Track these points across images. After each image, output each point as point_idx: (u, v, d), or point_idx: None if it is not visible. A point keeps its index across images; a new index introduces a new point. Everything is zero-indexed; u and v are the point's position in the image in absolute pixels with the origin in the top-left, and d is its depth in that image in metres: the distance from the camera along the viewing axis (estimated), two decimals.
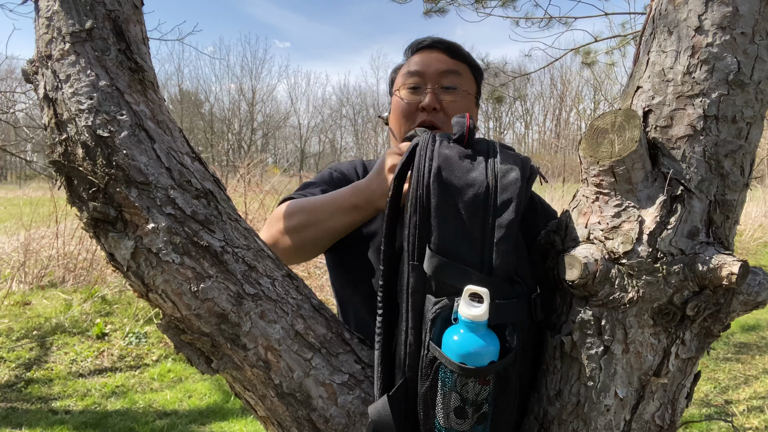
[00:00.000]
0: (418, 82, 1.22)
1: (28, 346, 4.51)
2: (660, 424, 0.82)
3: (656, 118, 0.79)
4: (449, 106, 1.20)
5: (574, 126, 34.08)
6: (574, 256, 0.78)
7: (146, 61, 0.89)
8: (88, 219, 0.83)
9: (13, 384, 3.99)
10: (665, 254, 0.75)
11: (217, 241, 0.85)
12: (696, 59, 0.76)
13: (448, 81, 1.21)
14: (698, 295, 0.75)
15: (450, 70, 1.22)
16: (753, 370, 4.39)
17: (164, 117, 0.89)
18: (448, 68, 1.22)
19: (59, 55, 0.84)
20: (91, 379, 4.16)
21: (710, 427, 3.44)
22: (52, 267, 6.20)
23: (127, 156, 0.82)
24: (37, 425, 3.44)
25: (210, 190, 0.88)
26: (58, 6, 0.84)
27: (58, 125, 0.83)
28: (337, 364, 0.88)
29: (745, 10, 0.74)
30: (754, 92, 0.76)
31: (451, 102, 1.20)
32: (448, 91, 1.21)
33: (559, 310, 0.85)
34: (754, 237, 10.05)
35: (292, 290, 0.91)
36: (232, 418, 3.64)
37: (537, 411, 0.87)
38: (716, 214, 0.77)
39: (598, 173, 0.79)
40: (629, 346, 0.79)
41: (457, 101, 1.21)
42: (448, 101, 1.20)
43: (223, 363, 0.86)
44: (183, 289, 0.83)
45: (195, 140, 31.84)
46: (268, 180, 7.51)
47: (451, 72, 1.22)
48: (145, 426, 3.49)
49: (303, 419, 0.87)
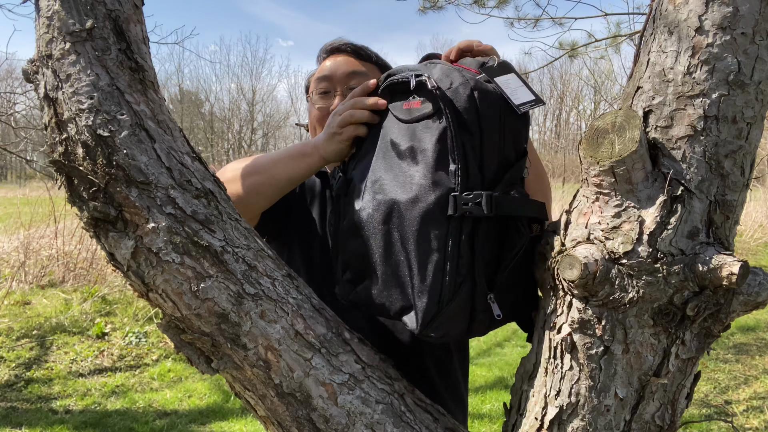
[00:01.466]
0: (328, 87, 1.27)
1: (28, 346, 4.51)
2: (660, 424, 0.82)
3: (656, 119, 0.79)
4: None
5: (574, 126, 34.09)
6: (574, 256, 0.78)
7: (146, 61, 0.89)
8: (89, 218, 0.83)
9: (13, 383, 3.99)
10: (665, 254, 0.75)
11: (218, 240, 0.85)
12: (696, 59, 0.76)
13: (355, 82, 1.25)
14: (698, 296, 0.76)
15: (356, 72, 1.27)
16: (753, 370, 4.39)
17: (164, 117, 0.89)
18: (355, 70, 1.27)
19: (60, 55, 0.84)
20: (91, 378, 4.16)
21: (710, 428, 3.44)
22: (52, 266, 6.21)
23: (128, 155, 0.82)
24: (37, 425, 3.44)
25: (210, 190, 0.88)
26: (59, 6, 0.84)
27: (58, 125, 0.83)
28: (337, 363, 0.88)
29: (745, 11, 0.74)
30: (754, 92, 0.76)
31: None
32: None
33: (558, 310, 0.85)
34: (755, 237, 10.05)
35: (292, 290, 0.91)
36: (232, 417, 3.64)
37: (537, 411, 0.87)
38: (716, 214, 0.77)
39: (599, 173, 0.79)
40: (629, 347, 0.79)
41: None
42: None
43: (223, 363, 0.86)
44: (183, 288, 0.83)
45: (195, 140, 31.85)
46: None
47: (357, 73, 1.26)
48: (145, 425, 3.49)
49: (303, 419, 0.87)
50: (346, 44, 1.31)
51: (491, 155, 0.86)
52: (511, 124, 0.88)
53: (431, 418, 0.94)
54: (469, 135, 0.85)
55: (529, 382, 0.91)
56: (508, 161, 0.88)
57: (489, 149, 0.86)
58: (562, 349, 0.83)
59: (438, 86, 0.87)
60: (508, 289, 0.90)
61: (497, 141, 0.87)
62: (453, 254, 0.84)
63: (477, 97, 0.86)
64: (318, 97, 1.28)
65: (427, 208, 0.85)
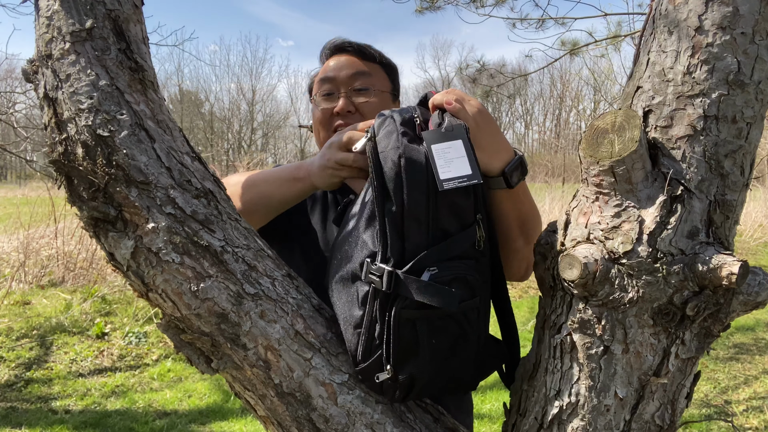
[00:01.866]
0: (331, 89, 1.26)
1: (28, 346, 4.51)
2: (660, 424, 0.82)
3: (656, 118, 0.79)
4: (364, 107, 1.24)
5: (574, 126, 34.08)
6: (574, 256, 0.78)
7: (146, 61, 0.89)
8: (88, 218, 0.83)
9: (13, 383, 3.99)
10: (665, 254, 0.75)
11: (217, 240, 0.85)
12: (696, 59, 0.76)
13: (359, 83, 1.25)
14: (698, 295, 0.76)
15: (360, 72, 1.25)
16: (753, 370, 4.39)
17: (164, 116, 0.89)
18: (359, 70, 1.26)
19: (59, 55, 0.84)
20: (91, 378, 4.16)
21: (710, 427, 3.44)
22: (52, 266, 6.20)
23: (127, 155, 0.82)
24: (37, 425, 3.44)
25: (210, 190, 0.88)
26: (59, 5, 0.84)
27: (58, 125, 0.83)
28: (337, 363, 0.88)
29: (745, 10, 0.74)
30: (754, 92, 0.76)
31: (365, 103, 1.24)
32: (361, 92, 1.25)
33: (559, 310, 0.85)
34: (754, 237, 10.05)
35: (292, 290, 0.91)
36: (232, 417, 3.64)
37: (537, 411, 0.87)
38: (716, 214, 0.77)
39: (598, 173, 0.79)
40: (629, 346, 0.79)
41: (371, 101, 1.25)
42: (361, 102, 1.24)
43: (223, 362, 0.86)
44: (183, 288, 0.83)
45: (195, 140, 31.85)
46: None
47: (361, 74, 1.25)
48: (145, 426, 3.49)
49: (303, 419, 0.87)
50: (349, 43, 1.29)
51: (412, 226, 0.81)
52: (446, 196, 0.81)
53: (431, 418, 0.94)
54: (390, 202, 0.82)
55: (529, 381, 0.91)
56: (444, 233, 0.83)
57: (410, 220, 0.81)
58: (562, 349, 0.83)
59: (372, 148, 0.85)
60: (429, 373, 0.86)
61: (423, 213, 0.81)
62: (368, 317, 0.84)
63: (403, 165, 0.81)
64: (321, 99, 1.27)
65: (354, 267, 0.87)
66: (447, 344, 0.85)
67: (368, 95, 1.25)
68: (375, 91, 1.25)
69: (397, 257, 0.81)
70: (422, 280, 0.80)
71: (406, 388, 0.85)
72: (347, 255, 0.90)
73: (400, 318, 0.81)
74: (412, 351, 0.83)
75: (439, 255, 0.82)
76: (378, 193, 0.83)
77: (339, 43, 1.30)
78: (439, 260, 0.82)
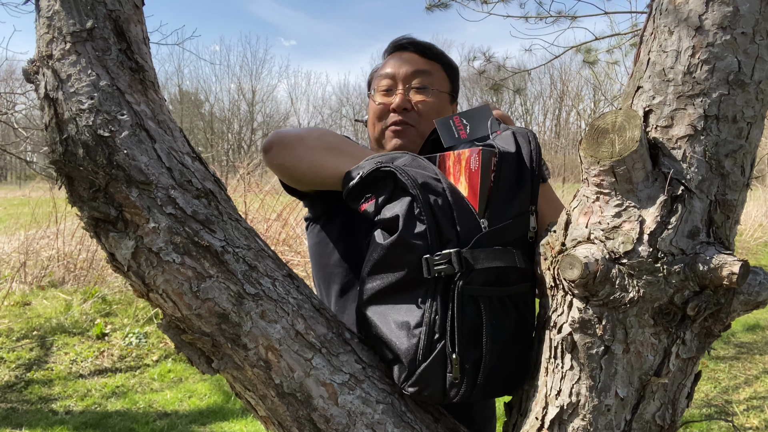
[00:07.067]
0: (390, 84, 1.26)
1: (29, 347, 4.51)
2: (660, 423, 0.82)
3: (657, 118, 0.79)
4: (420, 106, 1.24)
5: (574, 126, 34.08)
6: (575, 255, 0.78)
7: (147, 61, 0.89)
8: (89, 219, 0.83)
9: (14, 384, 3.99)
10: (666, 254, 0.75)
11: (218, 240, 0.85)
12: (697, 59, 0.76)
13: (418, 81, 1.25)
14: (699, 295, 0.76)
15: (421, 71, 1.25)
16: (753, 369, 4.39)
17: (165, 117, 0.89)
18: (419, 68, 1.25)
19: (60, 55, 0.84)
20: (91, 379, 4.16)
21: (710, 427, 3.44)
22: (52, 267, 6.20)
23: (128, 156, 0.82)
24: (38, 425, 3.44)
25: (211, 190, 0.88)
26: (59, 6, 0.84)
27: (58, 125, 0.83)
28: (338, 363, 0.88)
29: (745, 10, 0.74)
30: (754, 92, 0.76)
31: (422, 101, 1.24)
32: (420, 91, 1.25)
33: (559, 310, 0.85)
34: (755, 237, 10.05)
35: (292, 290, 0.91)
36: (233, 418, 3.64)
37: (537, 411, 0.87)
38: (717, 213, 0.77)
39: (599, 173, 0.79)
40: (630, 346, 0.79)
41: (428, 100, 1.24)
42: (418, 100, 1.24)
43: (223, 363, 0.86)
44: (184, 288, 0.83)
45: (195, 140, 31.84)
46: (268, 180, 7.50)
47: (421, 72, 1.25)
48: (146, 426, 3.49)
49: (304, 419, 0.87)
50: (411, 41, 1.30)
51: (463, 213, 0.88)
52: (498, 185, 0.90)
53: (432, 418, 0.94)
54: (434, 195, 0.87)
55: (529, 381, 0.91)
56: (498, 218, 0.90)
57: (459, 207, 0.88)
58: (562, 349, 0.83)
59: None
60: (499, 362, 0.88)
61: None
62: (429, 315, 0.86)
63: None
64: (380, 94, 1.27)
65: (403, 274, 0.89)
66: (507, 328, 0.89)
67: (426, 94, 1.25)
68: (433, 91, 1.25)
69: (454, 243, 0.86)
70: (488, 248, 0.86)
71: (471, 380, 0.86)
72: (391, 264, 0.89)
73: (464, 295, 0.85)
74: (477, 332, 0.86)
75: (491, 239, 0.87)
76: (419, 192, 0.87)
77: (401, 42, 1.31)
78: (490, 244, 0.88)
